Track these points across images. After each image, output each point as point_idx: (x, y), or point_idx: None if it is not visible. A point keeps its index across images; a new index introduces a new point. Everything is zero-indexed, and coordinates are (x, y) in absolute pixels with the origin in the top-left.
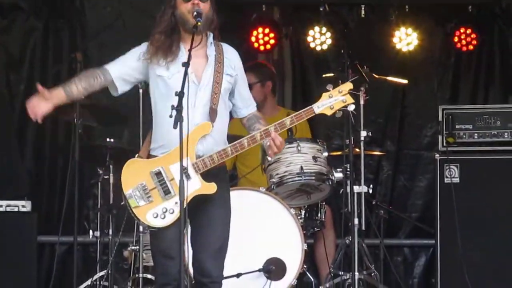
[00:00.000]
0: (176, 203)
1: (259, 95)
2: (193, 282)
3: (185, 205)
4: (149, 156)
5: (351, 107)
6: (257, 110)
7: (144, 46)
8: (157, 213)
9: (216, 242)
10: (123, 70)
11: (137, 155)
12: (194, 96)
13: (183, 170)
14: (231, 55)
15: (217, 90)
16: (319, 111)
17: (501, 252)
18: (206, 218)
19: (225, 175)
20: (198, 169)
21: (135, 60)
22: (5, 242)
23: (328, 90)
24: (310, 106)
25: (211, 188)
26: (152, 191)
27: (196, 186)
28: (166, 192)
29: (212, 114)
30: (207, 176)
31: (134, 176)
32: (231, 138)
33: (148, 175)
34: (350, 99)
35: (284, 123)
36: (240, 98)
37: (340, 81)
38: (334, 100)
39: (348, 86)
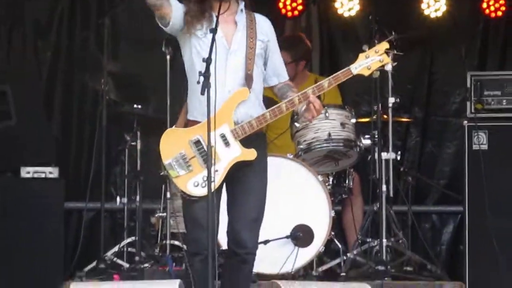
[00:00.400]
0: (216, 170)
1: (290, 72)
2: (221, 249)
3: (225, 172)
4: (187, 123)
5: (389, 67)
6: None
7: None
8: (197, 181)
9: (253, 213)
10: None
11: (174, 126)
12: (224, 61)
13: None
14: (263, 23)
15: (251, 56)
16: (357, 71)
17: None
18: (243, 187)
19: (263, 143)
20: (237, 135)
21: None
22: (32, 209)
23: (364, 51)
24: (348, 67)
25: (251, 154)
26: (192, 160)
27: (236, 153)
28: (206, 160)
29: (249, 80)
30: (246, 142)
31: (172, 145)
32: (265, 100)
33: (187, 144)
34: (387, 59)
35: (322, 85)
36: (272, 66)
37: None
38: (371, 60)
39: (384, 45)
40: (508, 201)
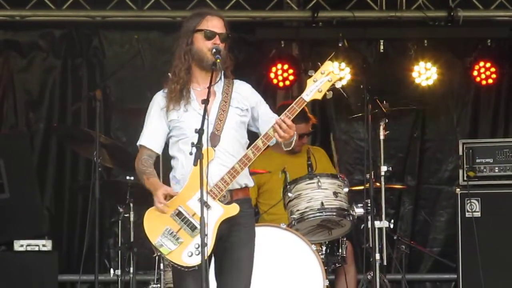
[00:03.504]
0: (205, 235)
1: (299, 142)
2: None
3: (215, 234)
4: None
5: (339, 84)
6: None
7: (159, 100)
8: (191, 251)
9: (241, 283)
10: (159, 139)
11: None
12: (207, 133)
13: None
14: (242, 88)
15: (222, 117)
16: (310, 98)
17: None
18: (230, 259)
19: (249, 209)
20: (215, 195)
21: (161, 121)
22: (26, 282)
23: (310, 76)
24: (300, 96)
25: (234, 209)
26: (179, 232)
27: (219, 212)
28: (193, 228)
29: (214, 139)
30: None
31: (157, 224)
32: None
33: (170, 219)
34: (335, 77)
35: (281, 119)
36: (264, 122)
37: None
38: (320, 82)
39: (328, 64)
40: (502, 269)
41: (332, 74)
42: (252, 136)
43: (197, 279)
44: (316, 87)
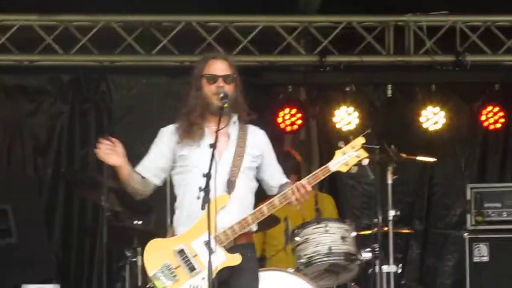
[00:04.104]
0: (203, 278)
1: None
2: None
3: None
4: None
5: (365, 162)
6: None
7: (168, 133)
8: None
9: None
10: (160, 169)
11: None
12: (214, 173)
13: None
14: (257, 135)
15: (237, 164)
16: (335, 169)
17: None
18: None
19: (252, 253)
20: (220, 241)
21: (168, 153)
22: None
23: (340, 147)
24: (326, 165)
25: (236, 259)
26: (177, 270)
27: (221, 258)
28: (191, 268)
29: (230, 185)
30: (234, 251)
31: (157, 256)
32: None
33: (171, 254)
34: (364, 154)
35: (302, 184)
36: (271, 177)
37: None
38: (348, 156)
39: (360, 140)
40: None
41: (362, 151)
42: None
43: None
44: (344, 159)
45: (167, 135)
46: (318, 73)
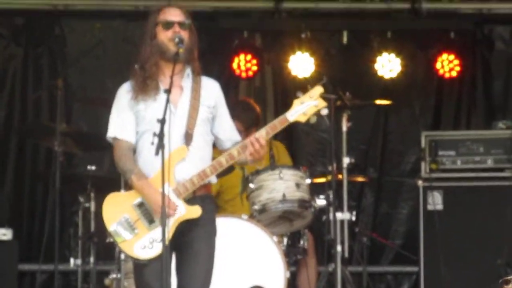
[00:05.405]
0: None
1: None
2: None
3: (172, 231)
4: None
5: (324, 111)
6: None
7: (125, 92)
8: (144, 244)
9: (201, 275)
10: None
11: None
12: (168, 123)
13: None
14: (211, 87)
15: (194, 116)
16: (293, 119)
17: (484, 280)
18: (191, 254)
19: (210, 205)
20: (179, 193)
21: (130, 112)
22: None
23: (298, 97)
24: (283, 115)
25: (196, 211)
26: (136, 223)
27: (181, 212)
28: (150, 221)
29: (187, 138)
30: (192, 203)
31: (116, 210)
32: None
33: (130, 207)
34: (322, 103)
35: (260, 133)
36: (222, 130)
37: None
38: (306, 105)
39: (319, 89)
40: (463, 262)
41: (320, 100)
42: None
43: (155, 272)
44: (302, 109)
45: (124, 94)
46: (274, 19)
